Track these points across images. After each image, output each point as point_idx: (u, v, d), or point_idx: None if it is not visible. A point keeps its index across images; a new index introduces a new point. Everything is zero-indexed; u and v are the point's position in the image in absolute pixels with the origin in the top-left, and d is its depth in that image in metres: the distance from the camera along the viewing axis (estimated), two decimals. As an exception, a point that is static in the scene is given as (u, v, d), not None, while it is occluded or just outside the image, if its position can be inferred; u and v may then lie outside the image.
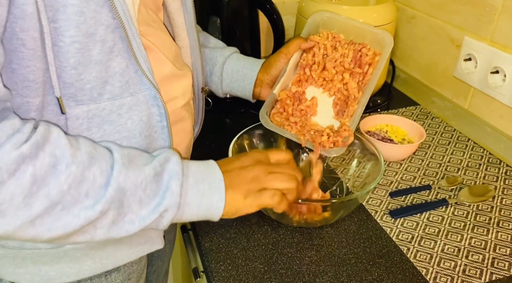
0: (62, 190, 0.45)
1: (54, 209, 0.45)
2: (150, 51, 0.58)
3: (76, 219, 0.46)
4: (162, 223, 0.53)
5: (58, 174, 0.45)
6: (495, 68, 0.91)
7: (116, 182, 0.48)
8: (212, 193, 0.55)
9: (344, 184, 0.83)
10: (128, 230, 0.50)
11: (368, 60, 0.75)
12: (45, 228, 0.45)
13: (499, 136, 0.94)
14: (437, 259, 0.69)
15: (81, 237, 0.49)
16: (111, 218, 0.49)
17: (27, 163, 0.43)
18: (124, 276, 0.67)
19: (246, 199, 0.58)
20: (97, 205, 0.47)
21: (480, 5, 0.93)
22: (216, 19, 1.06)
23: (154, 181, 0.51)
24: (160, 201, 0.51)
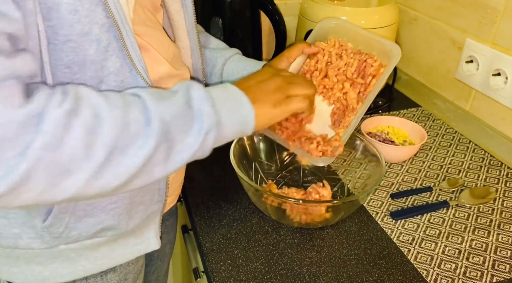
0: (114, 134, 0.45)
1: (113, 154, 0.45)
2: (145, 51, 0.58)
3: (135, 159, 0.47)
4: (207, 147, 0.53)
5: (104, 121, 0.45)
6: (496, 71, 0.91)
7: (157, 116, 0.49)
8: (240, 107, 0.56)
9: (345, 185, 0.83)
10: (182, 159, 0.51)
11: (372, 72, 0.73)
12: (111, 175, 0.46)
13: (500, 139, 0.94)
14: (437, 260, 0.69)
15: (142, 179, 0.49)
16: (163, 152, 0.49)
17: (74, 117, 0.44)
18: (120, 276, 0.67)
19: (276, 108, 0.59)
20: (149, 140, 0.47)
21: (482, 8, 0.93)
22: (218, 20, 1.06)
23: (187, 108, 0.52)
24: (200, 125, 0.52)
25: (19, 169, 0.41)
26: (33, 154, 0.41)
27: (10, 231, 0.56)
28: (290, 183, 0.85)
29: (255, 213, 0.78)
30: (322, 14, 1.05)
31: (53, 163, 0.42)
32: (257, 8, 1.10)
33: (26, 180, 0.41)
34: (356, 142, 0.83)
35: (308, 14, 1.09)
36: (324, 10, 1.06)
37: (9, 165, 0.41)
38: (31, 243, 0.57)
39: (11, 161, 0.41)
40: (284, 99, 0.60)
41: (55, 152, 0.42)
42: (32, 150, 0.41)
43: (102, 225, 0.57)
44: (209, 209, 0.78)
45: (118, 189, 0.48)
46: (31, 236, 0.56)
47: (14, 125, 0.40)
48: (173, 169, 0.51)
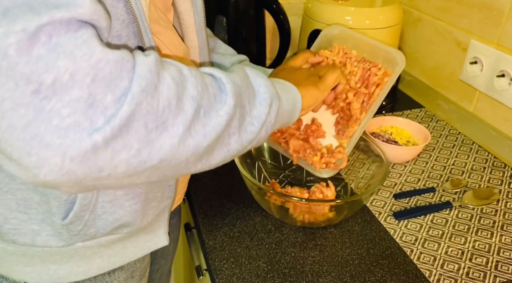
0: (198, 91, 0.45)
1: (199, 112, 0.45)
2: (160, 49, 0.59)
3: (220, 118, 0.46)
4: (268, 122, 0.54)
5: (187, 77, 0.45)
6: (501, 72, 0.91)
7: (229, 79, 0.49)
8: (287, 89, 0.59)
9: (348, 184, 0.83)
10: (252, 131, 0.52)
11: (376, 81, 0.73)
12: (200, 135, 0.45)
13: (504, 140, 0.93)
14: (440, 261, 0.69)
15: (221, 150, 0.49)
16: (238, 117, 0.49)
17: (163, 69, 0.43)
18: (127, 273, 0.67)
19: (317, 87, 0.64)
20: (228, 101, 0.47)
21: (487, 9, 0.93)
22: (223, 19, 1.06)
23: (247, 81, 0.53)
24: (263, 96, 0.53)
25: (121, 114, 0.37)
26: (134, 97, 0.38)
27: (29, 227, 0.56)
28: (294, 182, 0.85)
29: (258, 211, 0.78)
30: (327, 14, 1.05)
31: (152, 111, 0.40)
32: (261, 7, 1.10)
33: (126, 129, 0.38)
34: (360, 142, 0.83)
35: (313, 14, 1.09)
36: (328, 10, 1.05)
37: (110, 112, 0.37)
38: (49, 241, 0.56)
39: (111, 108, 0.37)
40: (318, 79, 0.65)
41: (153, 98, 0.40)
42: (132, 93, 0.38)
43: (120, 222, 0.57)
44: (212, 208, 0.78)
45: (203, 154, 0.46)
46: (50, 233, 0.56)
47: (110, 64, 0.37)
48: (246, 142, 0.52)
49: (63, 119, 0.35)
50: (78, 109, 0.36)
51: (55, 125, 0.35)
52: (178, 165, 0.45)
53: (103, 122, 0.36)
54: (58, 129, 0.35)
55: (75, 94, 0.35)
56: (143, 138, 0.40)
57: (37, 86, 0.35)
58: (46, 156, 0.35)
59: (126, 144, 0.38)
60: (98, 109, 0.36)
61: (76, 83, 0.35)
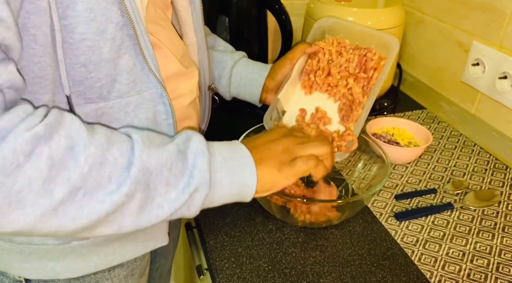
0: (83, 172, 0.42)
1: (77, 194, 0.42)
2: (157, 49, 0.58)
3: (101, 205, 0.43)
4: (193, 206, 0.49)
5: (76, 155, 0.42)
6: (503, 74, 0.91)
7: (140, 161, 0.45)
8: (243, 169, 0.52)
9: (350, 185, 0.83)
10: (158, 215, 0.47)
11: (373, 65, 0.75)
12: (68, 217, 0.42)
13: (506, 142, 0.93)
14: (441, 262, 0.69)
15: (109, 228, 0.46)
16: (138, 202, 0.45)
17: (42, 145, 0.40)
18: (127, 271, 0.67)
19: (281, 172, 0.55)
20: (122, 187, 0.44)
21: (490, 10, 0.93)
22: (225, 19, 1.06)
23: (179, 159, 0.48)
24: (189, 180, 0.48)
25: None
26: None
27: None
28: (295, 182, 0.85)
29: (259, 211, 0.78)
30: (329, 14, 1.05)
31: (4, 189, 0.39)
32: (263, 7, 1.10)
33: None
34: (361, 142, 0.82)
35: (315, 15, 1.09)
36: (330, 10, 1.05)
37: None
38: (45, 239, 0.57)
39: None
40: (289, 162, 0.55)
41: (8, 178, 0.39)
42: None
43: None
44: (213, 207, 0.78)
45: (76, 233, 0.44)
46: None
47: None
48: (147, 224, 0.47)
49: None
50: None
51: None
52: (46, 234, 0.43)
53: None
54: None
55: None
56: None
57: None
58: None
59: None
60: None
61: None
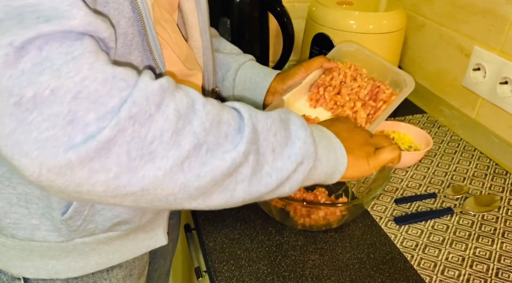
0: (205, 127, 0.42)
1: (201, 149, 0.42)
2: (162, 49, 0.59)
3: (222, 162, 0.43)
4: (296, 180, 0.49)
5: (197, 111, 0.42)
6: (504, 79, 0.91)
7: (250, 123, 0.46)
8: (335, 148, 0.54)
9: (350, 189, 0.83)
10: (267, 184, 0.47)
11: (384, 98, 0.74)
12: (193, 173, 0.42)
13: (506, 147, 0.93)
14: (441, 267, 0.69)
15: (222, 195, 0.45)
16: (251, 166, 0.45)
17: (169, 98, 0.40)
18: (126, 271, 0.67)
19: (369, 161, 0.58)
20: (239, 146, 0.44)
21: (491, 16, 0.93)
22: (227, 20, 1.06)
23: (282, 128, 0.48)
24: (295, 151, 0.48)
25: (101, 137, 0.36)
26: (118, 122, 0.37)
27: (29, 221, 0.56)
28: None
29: (259, 214, 0.77)
30: (330, 17, 1.05)
31: (138, 140, 0.38)
32: (265, 9, 1.10)
33: (105, 152, 0.37)
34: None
35: (316, 17, 1.09)
36: (332, 14, 1.06)
37: (90, 130, 0.36)
38: (48, 236, 0.57)
39: (92, 126, 0.36)
40: (373, 153, 0.59)
41: (142, 127, 0.38)
42: (118, 118, 0.37)
43: (119, 219, 0.57)
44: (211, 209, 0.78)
45: (197, 194, 0.44)
46: (49, 229, 0.56)
47: (97, 82, 0.37)
48: (255, 192, 0.47)
49: (42, 132, 0.36)
50: (57, 124, 0.36)
51: (34, 137, 0.36)
52: (166, 197, 0.42)
53: (81, 140, 0.36)
54: (37, 141, 0.36)
55: (55, 109, 0.36)
56: (123, 164, 0.38)
57: (18, 99, 0.35)
58: (25, 163, 0.36)
59: (104, 166, 0.38)
60: (77, 126, 0.36)
61: (57, 99, 0.36)
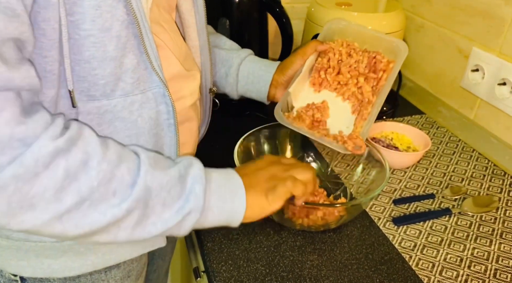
0: (92, 186, 0.45)
1: (83, 205, 0.45)
2: (159, 50, 0.59)
3: (102, 217, 0.46)
4: (184, 227, 0.53)
5: (89, 170, 0.45)
6: (502, 80, 0.92)
7: (143, 181, 0.48)
8: (233, 198, 0.56)
9: (348, 189, 0.83)
10: (150, 232, 0.50)
11: (382, 67, 0.76)
12: (72, 224, 0.45)
13: (504, 148, 0.93)
14: (439, 268, 0.69)
15: (105, 237, 0.49)
16: (135, 218, 0.49)
17: (61, 157, 0.43)
18: (123, 273, 0.67)
19: (268, 197, 0.58)
20: (124, 204, 0.47)
21: (490, 17, 0.94)
22: (226, 21, 1.06)
23: (178, 183, 0.52)
24: (184, 204, 0.51)
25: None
26: (0, 180, 0.40)
27: None
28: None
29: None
30: (329, 18, 1.05)
31: (19, 194, 0.42)
32: (264, 10, 1.10)
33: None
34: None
35: (315, 18, 1.10)
36: (331, 14, 1.06)
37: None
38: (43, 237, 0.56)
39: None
40: (273, 187, 0.59)
41: (25, 184, 0.42)
42: (1, 176, 0.40)
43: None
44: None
45: (75, 238, 0.47)
46: None
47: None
48: (138, 238, 0.50)
49: None
50: None
51: None
52: (47, 236, 0.47)
53: None
54: None
55: None
56: (3, 210, 0.42)
57: None
58: None
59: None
60: None
61: None
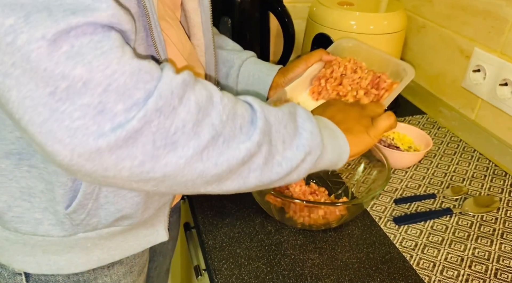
0: (222, 119, 0.45)
1: (218, 140, 0.45)
2: (166, 45, 0.59)
3: (237, 152, 0.46)
4: (304, 168, 0.52)
5: (215, 104, 0.45)
6: (504, 80, 0.92)
7: (262, 115, 0.49)
8: (337, 136, 0.57)
9: (349, 188, 0.83)
10: (277, 172, 0.50)
11: (385, 86, 0.75)
12: (211, 162, 0.45)
13: (505, 149, 0.94)
14: (440, 267, 0.69)
15: (236, 182, 0.49)
16: (263, 156, 0.49)
17: (190, 91, 0.43)
18: (126, 268, 0.67)
19: (369, 133, 0.61)
20: (253, 136, 0.47)
21: (492, 17, 0.94)
22: (228, 20, 1.07)
23: (291, 120, 0.52)
24: (303, 142, 0.51)
25: (128, 127, 0.39)
26: (146, 114, 0.40)
27: (32, 215, 0.56)
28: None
29: (258, 213, 0.78)
30: (331, 18, 1.06)
31: (163, 130, 0.41)
32: (266, 9, 1.10)
33: (132, 141, 0.40)
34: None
35: (317, 18, 1.10)
36: (333, 14, 1.06)
37: (118, 120, 0.39)
38: (51, 230, 0.57)
39: (121, 116, 0.39)
40: (370, 124, 0.62)
41: (166, 119, 0.41)
42: (145, 110, 0.40)
43: (121, 213, 0.57)
44: (212, 208, 0.78)
45: (213, 180, 0.47)
46: (52, 223, 0.56)
47: (125, 75, 0.39)
48: (267, 180, 0.50)
49: (73, 121, 0.38)
50: (87, 114, 0.38)
51: (66, 126, 0.38)
52: (184, 182, 0.46)
53: (109, 129, 0.39)
54: (69, 129, 0.38)
55: (86, 100, 0.38)
56: (148, 153, 0.41)
57: (53, 89, 0.38)
58: (58, 149, 0.39)
59: (130, 154, 0.41)
60: (106, 116, 0.39)
61: (89, 91, 0.38)
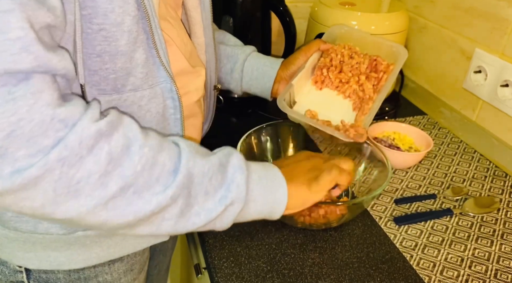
0: (136, 171, 0.44)
1: (127, 191, 0.44)
2: (167, 45, 0.59)
3: (147, 205, 0.45)
4: (226, 219, 0.51)
5: (132, 154, 0.44)
6: (505, 82, 0.92)
7: (186, 168, 0.47)
8: (276, 189, 0.55)
9: (350, 188, 0.83)
10: (194, 223, 0.49)
11: (383, 68, 0.78)
12: (117, 212, 0.44)
13: (506, 150, 0.94)
14: (440, 267, 0.69)
15: (147, 228, 0.48)
16: (179, 207, 0.47)
17: (104, 141, 0.42)
18: (127, 266, 0.67)
19: (310, 188, 0.58)
20: (168, 190, 0.46)
21: (493, 18, 0.94)
22: (229, 19, 1.07)
23: (219, 172, 0.50)
24: (226, 194, 0.50)
25: (28, 173, 0.39)
26: (47, 163, 0.39)
27: None
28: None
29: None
30: (333, 18, 1.06)
31: (66, 179, 0.41)
32: (268, 9, 1.10)
33: (31, 187, 0.40)
34: (363, 145, 0.83)
35: (319, 18, 1.10)
36: (335, 14, 1.06)
37: (18, 165, 0.39)
38: (51, 228, 0.57)
39: (22, 161, 0.39)
40: (315, 177, 0.59)
41: (70, 169, 0.40)
42: (47, 159, 0.39)
43: None
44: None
45: (118, 229, 0.46)
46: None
47: (33, 124, 0.39)
48: (182, 230, 0.49)
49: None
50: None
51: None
52: (91, 226, 0.45)
53: (8, 173, 0.38)
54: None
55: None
56: (49, 198, 0.41)
57: None
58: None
59: (30, 196, 0.40)
60: (6, 160, 0.38)
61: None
